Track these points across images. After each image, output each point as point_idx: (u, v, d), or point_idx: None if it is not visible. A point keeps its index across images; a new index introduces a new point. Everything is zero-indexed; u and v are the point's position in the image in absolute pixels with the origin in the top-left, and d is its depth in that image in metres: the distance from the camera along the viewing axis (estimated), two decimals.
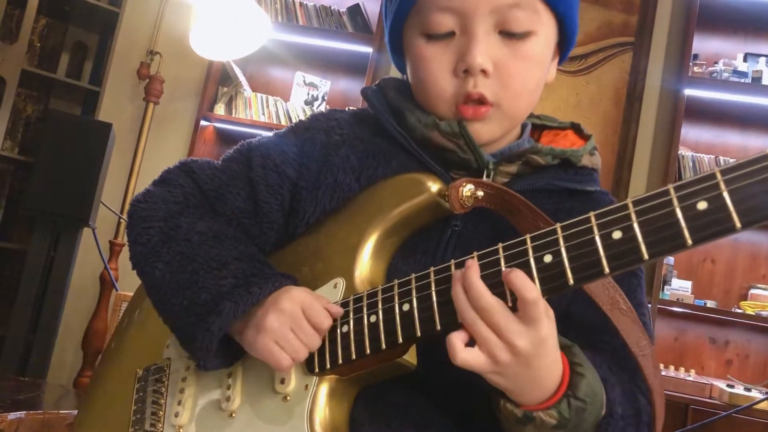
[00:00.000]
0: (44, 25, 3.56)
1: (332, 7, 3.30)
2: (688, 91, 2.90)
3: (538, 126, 0.89)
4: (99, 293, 2.84)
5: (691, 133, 3.10)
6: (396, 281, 0.68)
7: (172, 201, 0.82)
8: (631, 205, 0.57)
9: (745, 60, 2.98)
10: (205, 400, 0.77)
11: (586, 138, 0.85)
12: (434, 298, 0.65)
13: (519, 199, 0.70)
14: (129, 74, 3.32)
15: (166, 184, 0.84)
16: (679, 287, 2.85)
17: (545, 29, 0.77)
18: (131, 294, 2.63)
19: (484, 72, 0.74)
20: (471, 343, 0.61)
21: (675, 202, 0.55)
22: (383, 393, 0.72)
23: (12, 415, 1.22)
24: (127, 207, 3.03)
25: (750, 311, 2.79)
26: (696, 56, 3.00)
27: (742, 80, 2.91)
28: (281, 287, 0.72)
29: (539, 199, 0.73)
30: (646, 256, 0.55)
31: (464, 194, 0.71)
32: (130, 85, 3.35)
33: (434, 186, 0.73)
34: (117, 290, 2.76)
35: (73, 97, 3.57)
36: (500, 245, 0.63)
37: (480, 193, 0.72)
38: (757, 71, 2.93)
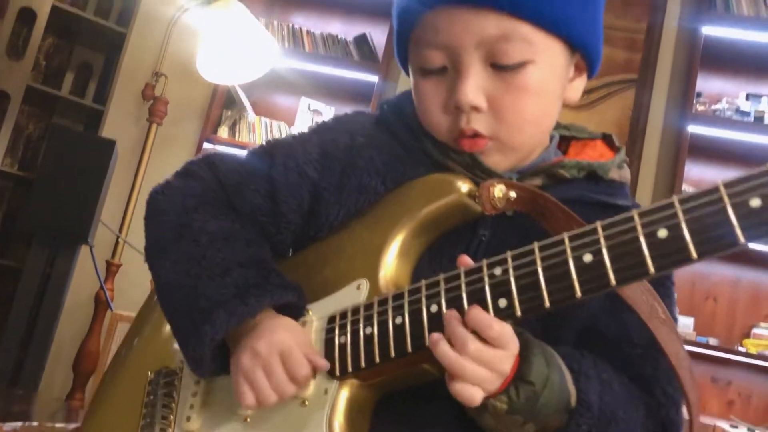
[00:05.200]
0: (51, 44, 3.57)
1: (339, 36, 3.32)
2: (692, 128, 2.91)
3: (566, 137, 0.86)
4: (93, 313, 2.79)
5: (694, 170, 3.11)
6: (423, 282, 0.66)
7: (190, 194, 0.81)
8: (677, 203, 0.55)
9: (747, 99, 3.00)
10: (219, 404, 0.74)
11: (616, 149, 0.83)
12: (465, 299, 0.62)
13: (552, 202, 0.68)
14: (133, 95, 3.32)
15: (187, 176, 0.84)
16: (681, 324, 2.82)
17: (546, 56, 0.73)
18: (127, 314, 2.57)
19: (476, 108, 0.72)
20: None
21: (726, 199, 0.53)
22: (406, 400, 0.69)
23: (8, 426, 1.17)
24: (126, 227, 3.01)
25: (753, 350, 2.76)
26: (699, 94, 3.02)
27: (745, 119, 2.92)
28: (280, 302, 0.71)
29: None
30: (694, 255, 0.53)
31: (496, 195, 0.69)
32: (134, 106, 3.35)
33: (464, 186, 0.72)
34: (112, 310, 2.71)
35: (77, 116, 3.57)
36: (536, 244, 0.61)
37: (512, 194, 0.70)
38: (759, 111, 2.95)
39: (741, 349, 2.78)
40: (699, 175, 3.11)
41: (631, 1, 3.15)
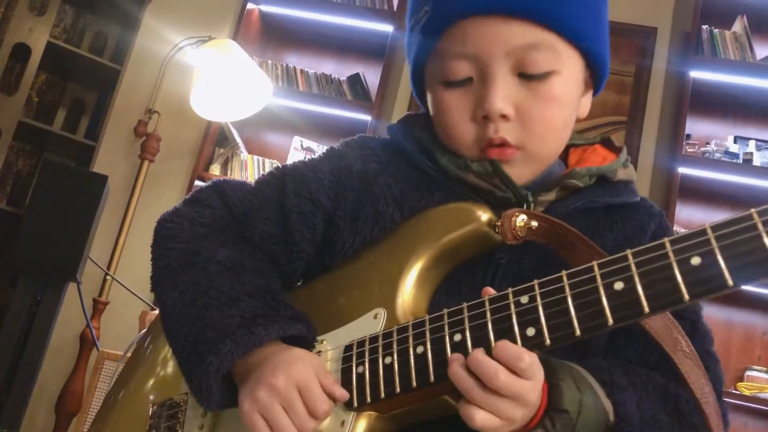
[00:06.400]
0: (43, 81, 3.57)
1: (332, 75, 3.35)
2: (682, 170, 2.94)
3: None
4: (78, 352, 2.73)
5: (683, 211, 3.13)
6: (446, 310, 0.64)
7: (199, 222, 0.79)
8: (710, 230, 0.54)
9: (735, 142, 3.05)
10: None
11: (617, 150, 0.83)
12: (490, 327, 0.61)
13: (574, 233, 0.68)
14: (126, 131, 3.30)
15: (196, 203, 0.82)
16: None
17: (568, 67, 0.75)
18: (114, 352, 2.49)
19: (504, 117, 0.72)
20: None
21: (760, 226, 0.52)
22: None
23: None
24: (114, 265, 2.95)
25: (747, 393, 2.74)
26: (689, 136, 3.07)
27: (734, 161, 2.96)
28: (289, 332, 0.69)
29: (578, 220, 0.71)
30: (730, 282, 0.52)
31: (517, 224, 0.69)
32: (127, 143, 3.34)
33: (484, 215, 0.71)
34: (98, 349, 2.65)
35: (68, 152, 3.54)
36: (564, 272, 0.60)
37: (534, 224, 0.69)
38: (747, 153, 2.99)
39: (735, 391, 2.77)
40: (688, 216, 3.13)
41: (620, 45, 3.21)
